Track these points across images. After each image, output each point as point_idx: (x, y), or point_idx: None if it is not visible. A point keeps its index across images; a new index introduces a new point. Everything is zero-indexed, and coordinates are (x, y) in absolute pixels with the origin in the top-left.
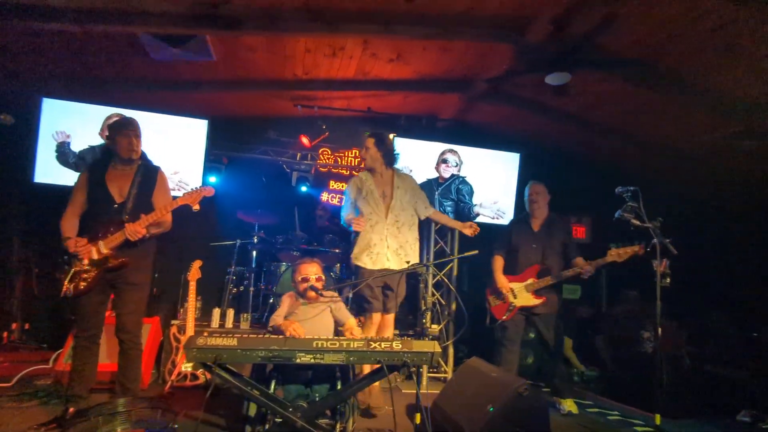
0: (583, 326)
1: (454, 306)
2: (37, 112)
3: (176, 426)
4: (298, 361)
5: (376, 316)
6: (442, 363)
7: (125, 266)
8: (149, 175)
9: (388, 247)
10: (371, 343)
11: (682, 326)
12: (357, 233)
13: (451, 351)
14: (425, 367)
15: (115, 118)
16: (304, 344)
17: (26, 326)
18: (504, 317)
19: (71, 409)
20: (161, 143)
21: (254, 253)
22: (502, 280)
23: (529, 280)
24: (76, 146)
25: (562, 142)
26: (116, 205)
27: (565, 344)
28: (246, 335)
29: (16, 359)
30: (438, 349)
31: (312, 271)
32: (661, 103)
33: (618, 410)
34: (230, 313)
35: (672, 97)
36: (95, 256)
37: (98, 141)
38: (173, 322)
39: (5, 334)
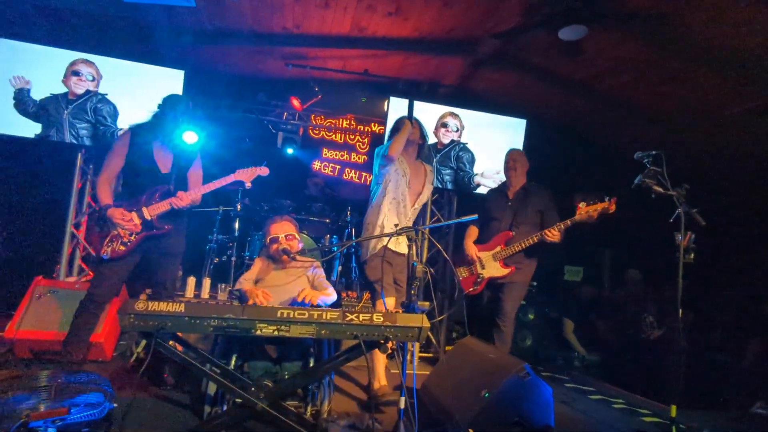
0: (585, 308)
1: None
2: None
3: (114, 405)
4: (258, 332)
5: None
6: (434, 341)
7: (168, 233)
8: (188, 154)
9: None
10: (347, 314)
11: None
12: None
13: (444, 329)
14: (417, 345)
15: (80, 64)
16: (267, 313)
17: None
18: (472, 289)
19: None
20: (132, 92)
21: (237, 221)
22: (469, 248)
23: (497, 248)
24: (37, 94)
25: (571, 112)
26: (161, 175)
27: (567, 327)
28: (201, 302)
29: None
30: (427, 323)
31: (282, 229)
32: (681, 72)
33: (623, 398)
34: (206, 282)
35: (692, 65)
36: (137, 221)
37: (61, 89)
38: (146, 290)
39: None
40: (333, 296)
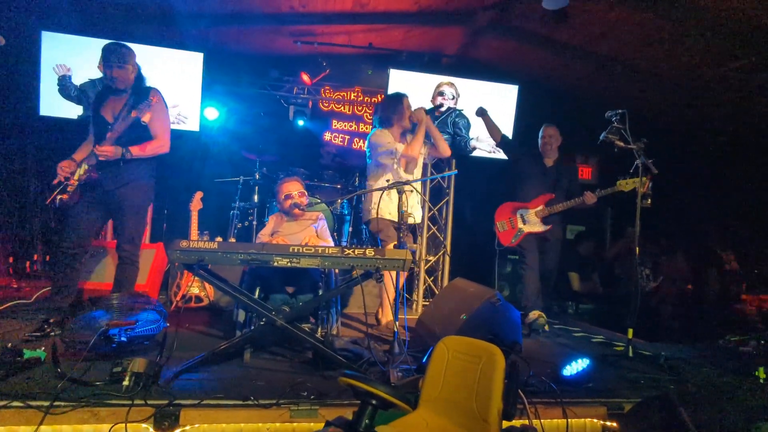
0: (585, 262)
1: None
2: (37, 45)
3: (167, 324)
4: (275, 264)
5: None
6: (437, 292)
7: (92, 178)
8: (140, 96)
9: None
10: (345, 249)
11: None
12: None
13: (446, 282)
14: (420, 293)
15: None
16: (281, 249)
17: (47, 258)
18: (512, 242)
19: (51, 320)
20: (158, 76)
21: (257, 189)
22: (515, 204)
23: (539, 207)
24: (77, 80)
25: (565, 76)
26: (109, 126)
27: (573, 280)
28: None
29: (37, 286)
30: (409, 257)
31: (294, 187)
32: (672, 32)
33: (603, 335)
34: (232, 241)
35: (683, 25)
36: (71, 169)
37: (98, 74)
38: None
39: (27, 264)
40: (330, 245)
